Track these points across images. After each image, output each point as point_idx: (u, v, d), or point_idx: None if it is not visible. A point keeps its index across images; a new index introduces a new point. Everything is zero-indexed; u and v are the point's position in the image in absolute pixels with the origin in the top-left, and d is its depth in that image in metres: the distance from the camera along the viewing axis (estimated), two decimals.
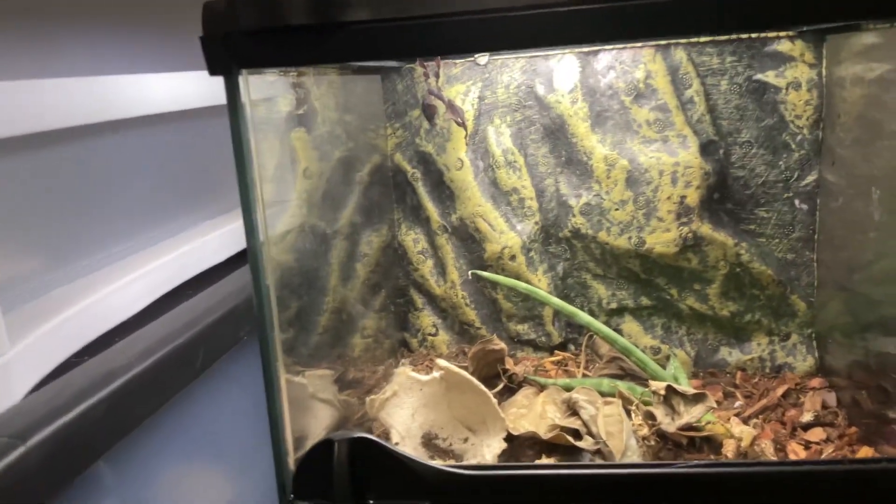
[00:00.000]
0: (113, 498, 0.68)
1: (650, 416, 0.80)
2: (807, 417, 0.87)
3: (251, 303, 0.86)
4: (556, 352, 1.04)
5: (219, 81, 0.79)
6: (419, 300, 1.10)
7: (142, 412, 0.69)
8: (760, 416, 0.89)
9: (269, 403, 0.57)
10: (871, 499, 0.51)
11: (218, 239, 0.97)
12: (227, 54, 0.49)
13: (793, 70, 0.90)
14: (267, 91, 0.77)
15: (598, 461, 0.80)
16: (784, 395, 0.93)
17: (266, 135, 0.76)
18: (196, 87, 0.93)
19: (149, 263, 0.84)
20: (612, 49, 0.94)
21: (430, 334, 1.10)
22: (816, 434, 0.85)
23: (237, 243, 1.00)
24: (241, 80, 0.53)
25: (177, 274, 0.89)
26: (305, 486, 0.57)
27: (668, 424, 0.78)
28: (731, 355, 1.00)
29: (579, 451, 0.80)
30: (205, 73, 0.93)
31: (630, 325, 1.03)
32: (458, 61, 0.99)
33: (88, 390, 0.62)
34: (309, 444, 0.63)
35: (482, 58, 0.97)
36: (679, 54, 0.93)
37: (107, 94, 0.78)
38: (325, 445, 0.56)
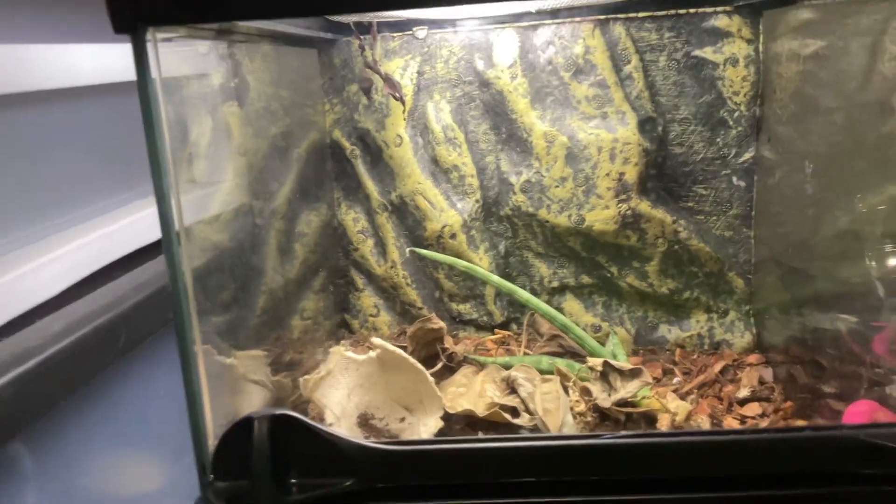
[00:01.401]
0: (32, 483, 0.66)
1: (586, 392, 0.80)
2: (743, 393, 0.88)
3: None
4: (498, 330, 1.04)
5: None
6: (360, 280, 1.08)
7: (58, 393, 0.66)
8: (698, 392, 0.89)
9: (185, 380, 0.55)
10: (795, 465, 0.51)
11: (150, 218, 0.94)
12: (131, 10, 0.47)
13: (730, 46, 0.90)
14: (196, 63, 0.74)
15: None
16: (722, 371, 0.94)
17: (197, 109, 0.73)
18: (124, 60, 0.89)
19: (72, 242, 0.81)
20: (552, 23, 0.93)
21: (371, 315, 1.08)
22: (752, 409, 0.86)
23: None
24: (149, 41, 0.50)
25: (104, 254, 0.86)
26: (225, 466, 0.55)
27: (605, 400, 0.78)
28: (670, 332, 1.01)
29: (517, 428, 0.80)
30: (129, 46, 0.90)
31: (571, 303, 1.02)
32: (395, 35, 0.97)
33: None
34: None
35: (421, 31, 0.95)
36: (618, 30, 0.92)
37: (22, 64, 0.74)
38: (245, 423, 0.54)
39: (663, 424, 0.78)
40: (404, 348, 0.84)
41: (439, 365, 0.89)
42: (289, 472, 0.54)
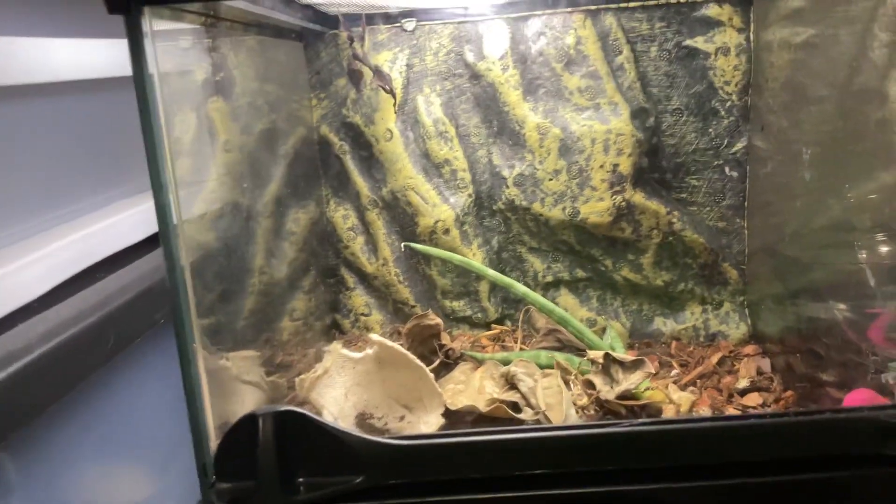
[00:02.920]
0: (19, 493, 0.63)
1: (589, 385, 0.78)
2: (742, 383, 0.88)
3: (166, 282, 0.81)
4: (494, 326, 1.02)
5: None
6: (350, 279, 1.06)
7: (45, 398, 0.63)
8: (697, 384, 0.89)
9: (184, 381, 0.52)
10: (818, 448, 0.50)
11: (133, 218, 0.91)
12: None
13: (721, 35, 0.90)
14: (180, 57, 0.71)
15: None
16: (719, 363, 0.93)
17: (181, 105, 0.71)
18: (109, 56, 0.87)
19: (55, 243, 0.78)
20: (543, 14, 0.92)
21: (362, 314, 1.06)
22: (753, 399, 0.85)
23: (152, 223, 0.94)
24: (144, 25, 0.48)
25: (87, 254, 0.83)
26: (228, 467, 0.52)
27: (608, 392, 0.77)
28: (665, 325, 1.00)
29: (519, 423, 0.78)
30: (116, 41, 0.87)
31: (566, 298, 1.01)
32: (384, 27, 0.96)
33: None
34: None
35: (409, 23, 0.94)
36: (609, 20, 0.92)
37: (2, 57, 0.71)
38: (249, 421, 0.51)
39: (668, 415, 0.77)
40: (400, 346, 0.82)
41: (437, 362, 0.87)
42: (295, 470, 0.52)
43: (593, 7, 0.91)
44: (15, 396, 0.59)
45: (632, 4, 0.91)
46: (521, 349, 0.96)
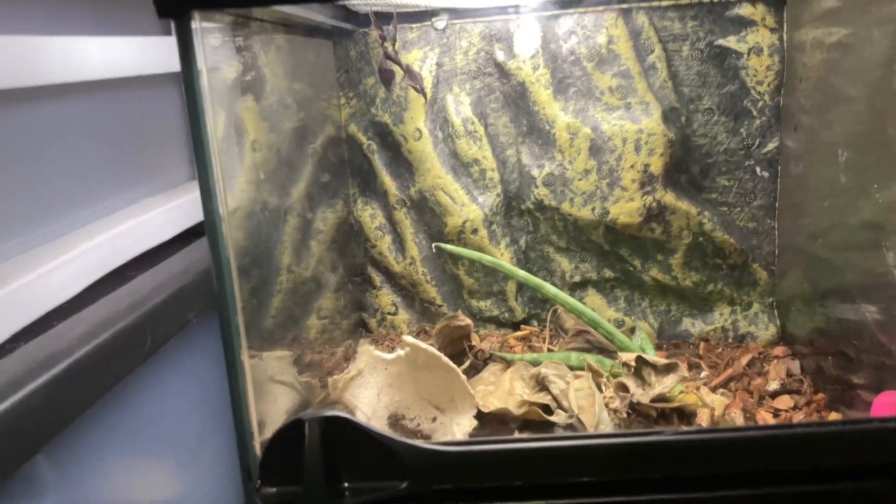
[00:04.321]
0: (53, 495, 0.63)
1: (622, 388, 0.78)
2: (773, 386, 0.87)
3: (198, 284, 0.81)
4: (522, 327, 1.02)
5: (158, 46, 0.72)
6: (377, 278, 1.06)
7: (85, 400, 0.63)
8: (728, 386, 0.88)
9: (231, 383, 0.52)
10: (864, 457, 0.50)
11: (162, 216, 0.91)
12: None
13: (754, 35, 0.89)
14: (210, 57, 0.71)
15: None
16: (748, 365, 0.93)
17: (222, 103, 0.71)
18: (135, 54, 0.86)
19: (86, 242, 0.77)
20: (574, 13, 0.91)
21: (389, 314, 1.06)
22: (784, 402, 0.85)
23: (182, 220, 0.94)
24: (194, 26, 0.48)
25: (117, 254, 0.83)
26: (273, 472, 0.52)
27: (642, 395, 0.76)
28: (694, 326, 0.99)
29: (552, 426, 0.78)
30: (144, 39, 0.86)
31: (593, 297, 1.01)
32: (414, 25, 0.95)
33: (25, 378, 0.56)
34: (270, 428, 0.59)
35: (440, 21, 0.93)
36: (641, 19, 0.91)
37: (33, 56, 0.71)
38: (295, 426, 0.51)
39: (702, 419, 0.77)
40: (430, 346, 0.82)
41: (467, 362, 0.87)
42: (341, 475, 0.52)
43: (626, 5, 0.90)
44: (55, 401, 0.58)
45: (664, 3, 0.90)
46: (549, 350, 0.96)
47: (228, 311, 0.52)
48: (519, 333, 1.01)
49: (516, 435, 0.75)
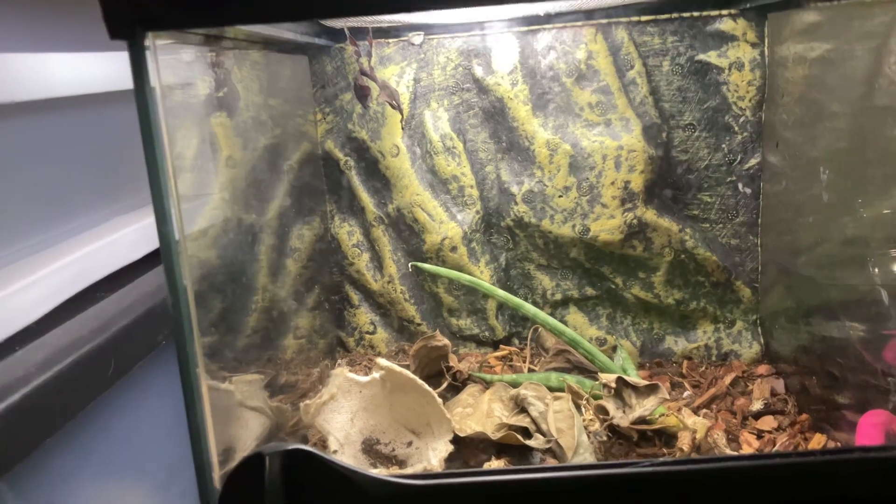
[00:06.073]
0: None
1: (602, 410, 0.76)
2: (756, 406, 0.86)
3: (168, 304, 0.79)
4: (502, 346, 1.00)
5: (128, 61, 0.70)
6: (355, 296, 1.04)
7: (46, 428, 0.61)
8: (711, 406, 0.87)
9: (188, 413, 0.50)
10: (847, 491, 0.48)
11: (132, 235, 0.89)
12: (129, 14, 0.42)
13: (735, 50, 0.88)
14: (183, 72, 0.69)
15: (549, 460, 0.76)
16: (732, 384, 0.91)
17: (183, 120, 0.69)
18: (105, 69, 0.84)
19: (52, 263, 0.75)
20: (553, 27, 0.90)
21: (367, 332, 1.04)
22: (768, 422, 0.83)
23: (153, 240, 0.92)
24: (147, 44, 0.46)
25: (85, 274, 0.81)
26: None
27: (622, 418, 0.75)
28: (676, 344, 0.98)
29: (530, 450, 0.76)
30: (114, 54, 0.85)
31: (575, 316, 0.99)
32: (391, 40, 0.94)
33: None
34: (238, 457, 0.57)
35: (417, 37, 0.92)
36: (621, 34, 0.90)
37: None
38: (255, 460, 0.49)
39: (683, 442, 0.75)
40: (406, 367, 0.80)
41: (444, 384, 0.85)
42: None
43: (605, 21, 0.89)
44: (15, 428, 0.56)
45: (644, 18, 0.89)
46: (529, 369, 0.94)
47: (185, 340, 0.50)
48: (499, 353, 0.99)
49: (492, 463, 0.73)
